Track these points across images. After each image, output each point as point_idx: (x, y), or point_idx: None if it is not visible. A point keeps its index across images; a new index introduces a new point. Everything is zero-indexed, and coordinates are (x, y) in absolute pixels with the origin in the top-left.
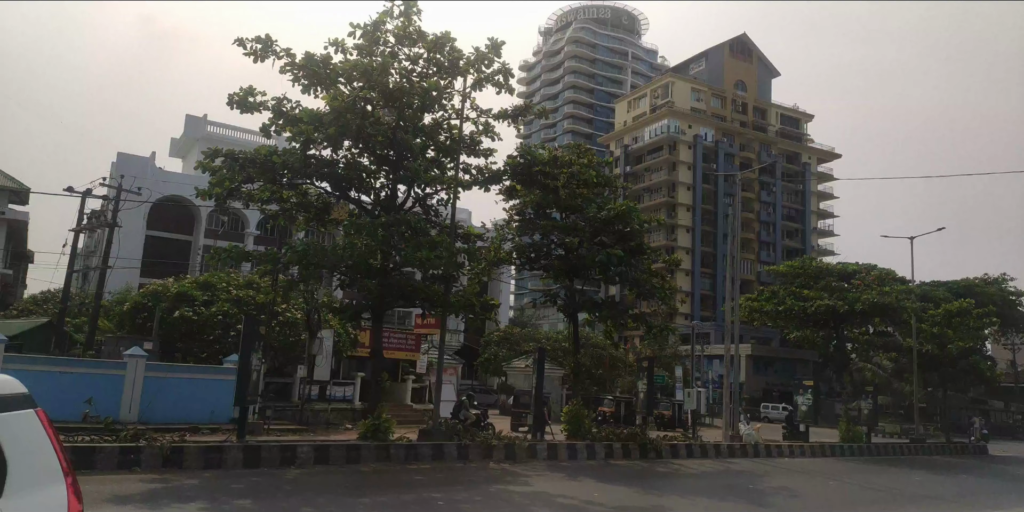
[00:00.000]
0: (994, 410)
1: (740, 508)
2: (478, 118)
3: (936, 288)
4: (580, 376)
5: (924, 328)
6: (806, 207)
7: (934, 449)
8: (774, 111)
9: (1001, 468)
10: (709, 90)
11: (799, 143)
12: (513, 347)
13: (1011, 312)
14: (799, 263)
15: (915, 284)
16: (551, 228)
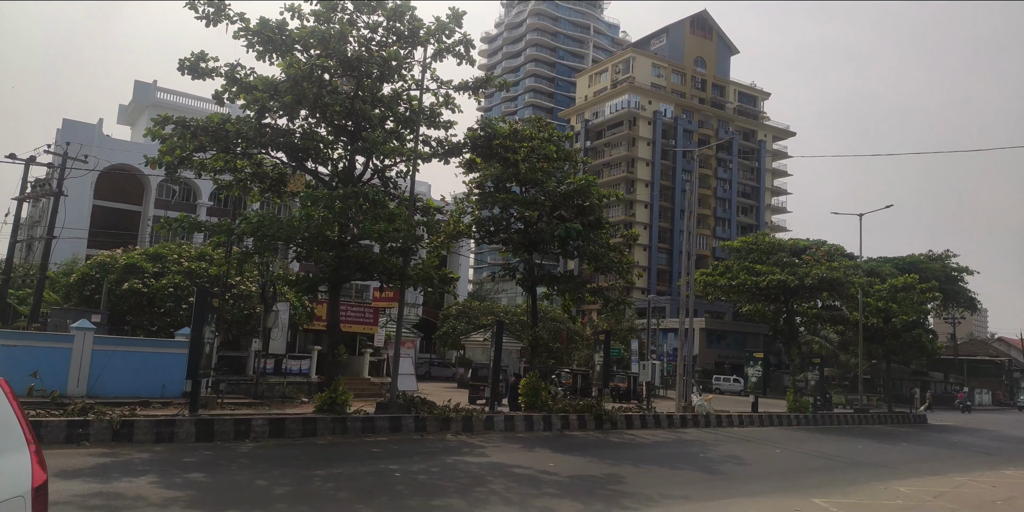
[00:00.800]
0: (934, 381)
1: (692, 475)
2: (438, 89)
3: (883, 264)
4: (538, 349)
5: (870, 302)
6: (761, 184)
7: (876, 418)
8: (732, 88)
9: (940, 436)
10: (669, 66)
11: (755, 120)
12: (472, 321)
13: (953, 287)
14: (753, 238)
15: (863, 260)
16: (511, 202)
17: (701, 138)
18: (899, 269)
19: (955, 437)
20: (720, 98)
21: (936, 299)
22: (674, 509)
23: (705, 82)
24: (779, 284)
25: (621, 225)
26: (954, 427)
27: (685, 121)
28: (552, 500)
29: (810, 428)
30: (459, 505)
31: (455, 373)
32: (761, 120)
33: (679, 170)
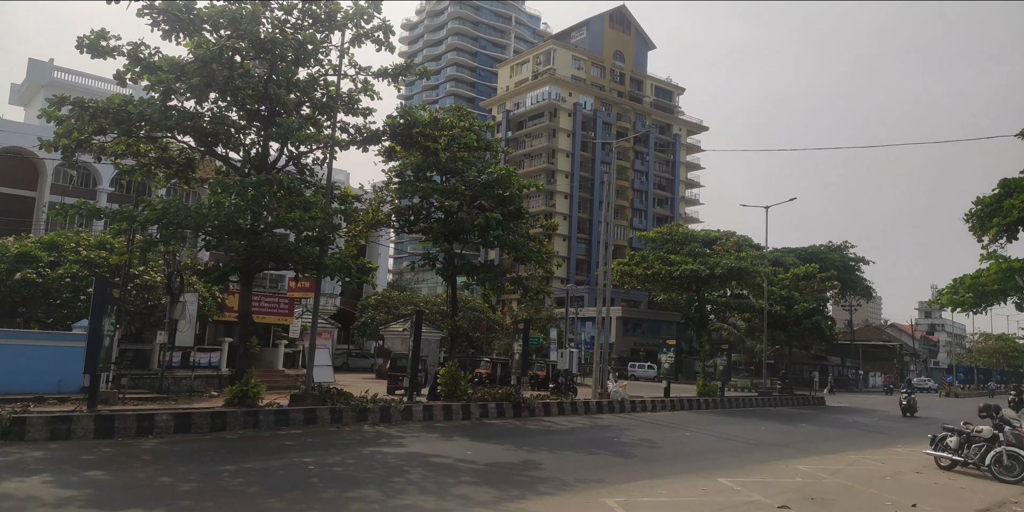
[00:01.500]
0: (832, 365)
1: (606, 460)
2: (357, 75)
3: (786, 254)
4: (458, 339)
5: (774, 291)
6: (675, 176)
7: (779, 401)
8: (649, 83)
9: (836, 417)
10: (589, 59)
11: (671, 115)
12: (391, 311)
13: (850, 276)
14: (667, 229)
15: (768, 250)
16: (431, 191)
17: (619, 131)
18: (801, 259)
19: (850, 418)
20: (638, 92)
21: (835, 287)
22: (588, 492)
23: (623, 76)
24: (691, 274)
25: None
26: (850, 408)
27: (604, 114)
28: (469, 488)
29: (718, 411)
30: (375, 496)
31: (374, 364)
32: (676, 114)
33: (598, 162)
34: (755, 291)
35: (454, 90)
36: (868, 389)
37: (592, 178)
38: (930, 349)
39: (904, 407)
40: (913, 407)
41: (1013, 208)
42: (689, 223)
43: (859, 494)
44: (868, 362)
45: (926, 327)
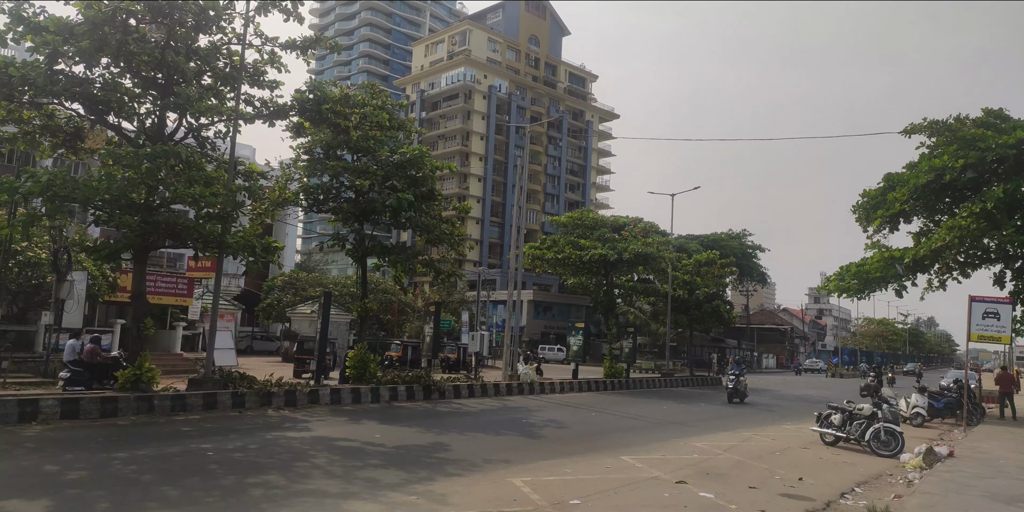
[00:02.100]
0: (729, 347)
1: (514, 440)
2: (263, 46)
3: (690, 241)
4: (368, 321)
5: (678, 276)
6: (587, 162)
7: (680, 382)
8: (564, 69)
9: None
10: (505, 42)
11: (584, 101)
12: (298, 292)
13: (748, 263)
14: (578, 215)
15: (673, 236)
16: (341, 169)
17: (533, 115)
18: (703, 246)
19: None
20: (552, 77)
21: (733, 273)
22: (496, 472)
23: (538, 61)
24: (600, 258)
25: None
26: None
27: (519, 97)
28: (377, 471)
29: (624, 392)
30: (278, 481)
31: (280, 347)
32: (589, 101)
33: (512, 145)
34: (660, 276)
35: (367, 67)
36: (762, 370)
37: (506, 162)
38: (818, 332)
39: (731, 392)
40: (742, 392)
41: (895, 201)
42: (599, 209)
43: (751, 468)
44: (762, 344)
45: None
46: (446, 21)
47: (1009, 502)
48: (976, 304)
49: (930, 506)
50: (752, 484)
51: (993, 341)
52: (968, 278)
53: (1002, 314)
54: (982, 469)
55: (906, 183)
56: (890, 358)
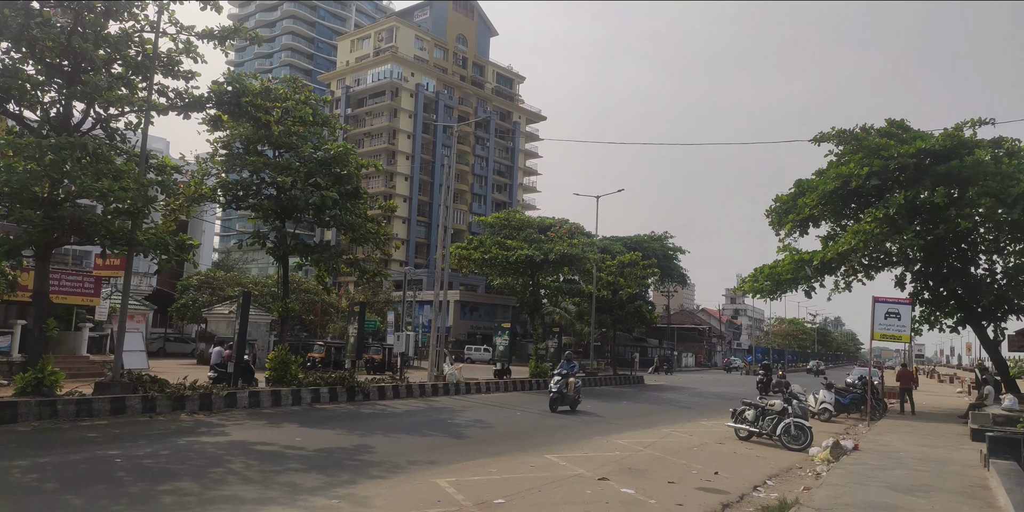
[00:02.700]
0: (651, 347)
1: (439, 441)
2: (178, 35)
3: (614, 242)
4: (289, 322)
5: (602, 277)
6: (514, 163)
7: (604, 380)
8: (491, 69)
9: (653, 394)
10: (432, 40)
11: (512, 102)
12: (216, 292)
13: (669, 264)
14: (505, 215)
15: (598, 238)
16: (262, 165)
17: (461, 115)
18: (627, 247)
19: (665, 394)
20: (480, 77)
21: (655, 274)
22: (420, 474)
23: (466, 60)
24: (527, 259)
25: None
26: (666, 386)
27: (446, 97)
28: (297, 475)
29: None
30: (191, 488)
31: (195, 349)
32: (516, 102)
33: (439, 145)
34: (585, 277)
35: (290, 60)
36: (681, 368)
37: (433, 161)
38: (734, 332)
39: (553, 398)
40: (571, 398)
41: (805, 206)
42: (526, 210)
43: (670, 464)
44: (682, 344)
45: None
46: (372, 17)
47: (907, 492)
48: (879, 305)
49: (836, 497)
50: (671, 479)
51: (894, 340)
52: (872, 280)
53: (903, 314)
54: (884, 461)
55: (815, 189)
56: (800, 356)
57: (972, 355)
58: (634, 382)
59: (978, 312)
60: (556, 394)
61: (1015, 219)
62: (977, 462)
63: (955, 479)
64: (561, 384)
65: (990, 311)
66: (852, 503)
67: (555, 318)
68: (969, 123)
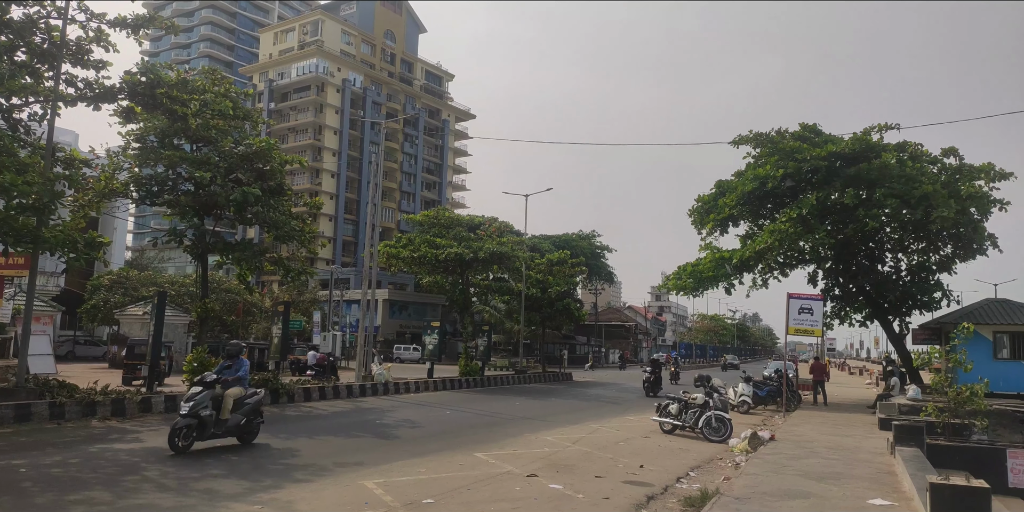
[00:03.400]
0: (579, 344)
1: (367, 442)
2: (88, 22)
3: (543, 241)
4: (209, 322)
5: (531, 275)
6: (444, 161)
7: (533, 378)
8: (420, 66)
9: (581, 391)
10: (360, 35)
11: (441, 100)
12: (129, 292)
13: (597, 262)
14: (434, 213)
15: (527, 236)
16: (178, 160)
17: (389, 111)
18: (555, 245)
19: (592, 391)
20: (408, 74)
21: (583, 272)
22: (347, 476)
23: (394, 56)
24: (456, 257)
25: (306, 193)
26: (594, 382)
27: (374, 93)
28: (216, 481)
29: (479, 390)
30: (103, 497)
31: (107, 352)
32: (446, 100)
33: (367, 141)
34: (515, 275)
35: (209, 52)
36: (608, 365)
37: (361, 158)
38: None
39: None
40: None
41: (725, 206)
42: (456, 208)
43: (597, 459)
44: (609, 340)
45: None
46: (297, 9)
47: (820, 480)
48: (793, 300)
49: (754, 486)
50: (598, 473)
51: (808, 334)
52: (787, 277)
53: (815, 309)
54: (798, 450)
55: (734, 190)
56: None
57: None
58: (563, 379)
59: (885, 307)
60: None
61: (918, 219)
62: (884, 450)
63: (864, 466)
64: None
65: (896, 306)
66: (769, 491)
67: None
68: (876, 128)
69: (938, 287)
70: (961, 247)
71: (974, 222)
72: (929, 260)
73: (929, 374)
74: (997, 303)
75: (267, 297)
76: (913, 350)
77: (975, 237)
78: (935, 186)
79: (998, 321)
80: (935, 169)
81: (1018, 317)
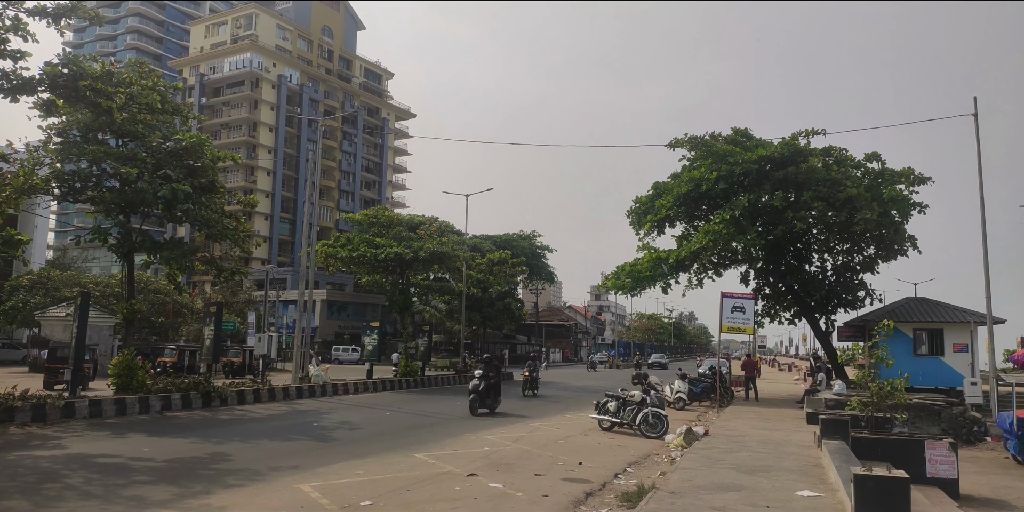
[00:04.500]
0: (520, 344)
1: (304, 445)
2: (4, 10)
3: (484, 240)
4: (136, 324)
5: (472, 275)
6: (383, 160)
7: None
8: (359, 63)
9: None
10: (296, 30)
11: (380, 98)
12: (50, 293)
13: (537, 262)
14: (374, 212)
15: (468, 236)
16: (103, 155)
17: (327, 109)
18: (496, 245)
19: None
20: (347, 71)
21: (524, 272)
22: (282, 480)
23: (332, 53)
24: (396, 257)
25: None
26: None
27: (311, 90)
28: (144, 488)
29: (419, 390)
30: (22, 507)
31: (27, 355)
32: (385, 98)
33: (304, 139)
34: (455, 275)
35: (136, 44)
36: (551, 364)
37: (298, 156)
38: (598, 327)
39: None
40: None
41: (662, 207)
42: (396, 207)
43: (537, 457)
44: (550, 340)
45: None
46: (230, 3)
47: (751, 473)
48: (726, 299)
49: (688, 480)
50: (538, 471)
51: (740, 332)
52: (721, 277)
53: (747, 308)
54: (731, 445)
55: (671, 191)
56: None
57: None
58: (504, 379)
59: (812, 306)
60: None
61: (843, 221)
62: (812, 443)
63: (792, 459)
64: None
65: (822, 305)
66: (703, 485)
67: (425, 316)
68: (804, 133)
69: (862, 286)
70: (883, 248)
71: (895, 224)
72: (853, 260)
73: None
74: (917, 302)
75: (199, 298)
76: (839, 347)
77: (896, 238)
78: (859, 189)
79: (918, 319)
80: (859, 173)
81: (936, 315)
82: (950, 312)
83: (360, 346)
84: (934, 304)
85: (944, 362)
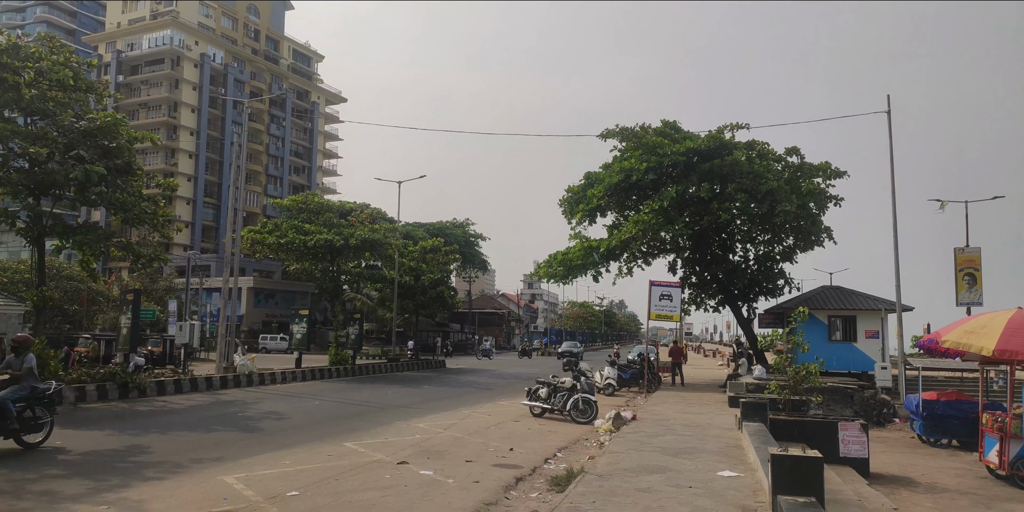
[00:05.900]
0: (453, 331)
1: (228, 436)
2: None
3: (417, 228)
4: (48, 312)
5: (405, 262)
6: (313, 145)
7: (406, 366)
8: (287, 45)
9: (454, 378)
10: (220, 7)
11: (310, 81)
12: None
13: (471, 250)
14: (303, 198)
15: (401, 224)
16: (10, 134)
17: (253, 90)
18: (429, 233)
19: (465, 378)
20: (274, 52)
21: (457, 260)
22: (205, 472)
23: (259, 33)
24: (326, 243)
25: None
26: (467, 369)
27: (236, 70)
28: (56, 482)
29: (350, 379)
30: None
31: None
32: (315, 82)
33: (229, 121)
34: (387, 262)
35: (47, 17)
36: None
37: (222, 139)
38: (531, 315)
39: None
40: None
41: (593, 197)
42: (327, 193)
43: (468, 444)
44: (483, 328)
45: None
46: None
47: (675, 455)
48: (655, 288)
49: (616, 463)
50: (469, 458)
51: (668, 319)
52: (650, 266)
53: (674, 296)
54: (657, 429)
55: (602, 181)
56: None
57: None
58: (436, 366)
59: (735, 294)
60: None
61: (764, 213)
62: (733, 425)
63: (715, 441)
64: None
65: (744, 293)
66: (629, 467)
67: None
68: (729, 127)
69: (781, 275)
70: (801, 238)
71: (813, 216)
72: (774, 250)
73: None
74: (832, 290)
75: (115, 285)
76: (759, 333)
77: (814, 230)
78: (779, 182)
79: (832, 306)
80: (780, 166)
81: (849, 302)
82: (862, 300)
83: (289, 335)
84: (848, 292)
85: (857, 348)
